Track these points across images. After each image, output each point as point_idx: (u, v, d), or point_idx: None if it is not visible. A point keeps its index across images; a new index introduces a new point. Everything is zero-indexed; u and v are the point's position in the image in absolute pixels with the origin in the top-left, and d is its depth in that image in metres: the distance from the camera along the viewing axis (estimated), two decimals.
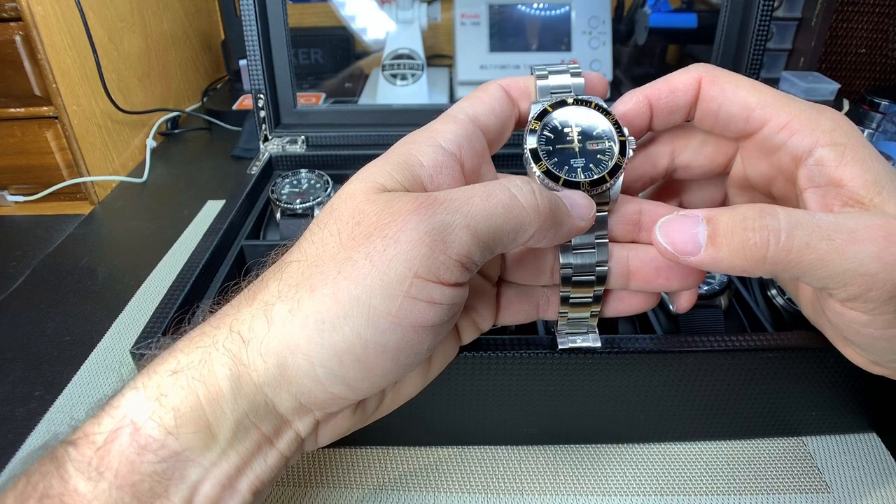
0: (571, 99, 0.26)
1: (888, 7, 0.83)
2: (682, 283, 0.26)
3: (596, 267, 0.27)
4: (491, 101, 0.26)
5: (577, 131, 0.26)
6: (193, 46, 0.99)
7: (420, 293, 0.21)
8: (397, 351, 0.21)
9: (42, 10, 0.61)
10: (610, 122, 0.26)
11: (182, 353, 0.21)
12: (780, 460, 0.37)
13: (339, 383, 0.21)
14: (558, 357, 0.32)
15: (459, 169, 0.25)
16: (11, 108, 0.66)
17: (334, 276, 0.21)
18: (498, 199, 0.22)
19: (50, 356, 0.47)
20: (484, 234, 0.21)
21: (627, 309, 0.29)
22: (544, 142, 0.26)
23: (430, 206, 0.21)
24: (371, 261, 0.20)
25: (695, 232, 0.23)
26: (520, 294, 0.29)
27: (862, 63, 0.88)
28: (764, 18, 0.54)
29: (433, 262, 0.21)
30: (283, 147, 0.58)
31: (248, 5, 0.53)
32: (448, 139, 0.25)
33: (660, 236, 0.24)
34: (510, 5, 0.81)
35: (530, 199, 0.22)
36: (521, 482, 0.36)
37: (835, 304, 0.24)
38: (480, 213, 0.21)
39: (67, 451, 0.19)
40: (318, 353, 0.20)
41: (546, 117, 0.26)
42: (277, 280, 0.22)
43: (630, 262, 0.27)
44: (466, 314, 0.28)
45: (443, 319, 0.22)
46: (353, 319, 0.20)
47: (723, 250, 0.23)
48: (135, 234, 0.65)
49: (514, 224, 0.22)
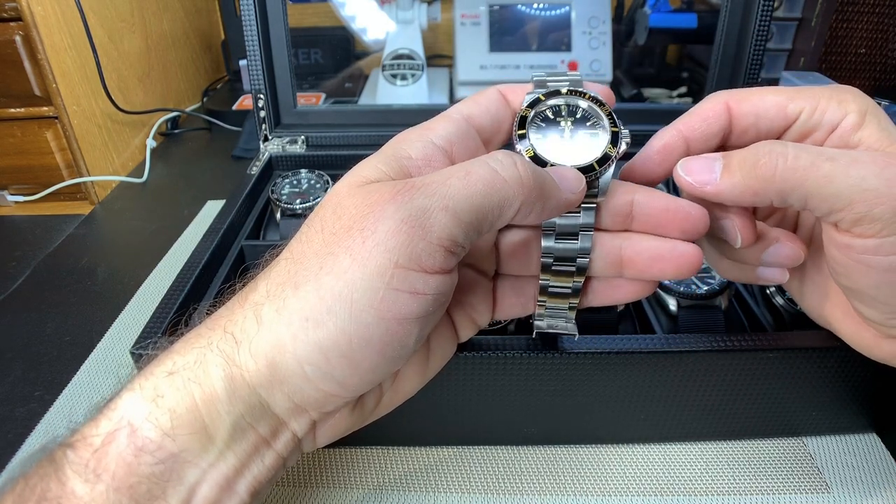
0: (566, 89, 0.26)
1: (888, 7, 0.82)
2: (677, 271, 0.26)
3: (577, 257, 0.26)
4: (487, 103, 0.27)
5: (570, 121, 0.26)
6: (193, 46, 0.99)
7: (402, 284, 0.20)
8: (383, 345, 0.21)
9: (42, 10, 0.61)
10: (604, 114, 0.26)
11: (178, 354, 0.21)
12: (780, 460, 0.37)
13: (329, 380, 0.21)
14: (558, 357, 0.32)
15: (449, 163, 0.24)
16: (11, 108, 0.66)
17: (316, 272, 0.20)
18: (478, 176, 0.21)
19: (50, 356, 0.47)
20: (466, 214, 0.21)
21: (622, 297, 0.28)
22: (535, 129, 0.26)
23: (406, 192, 0.21)
24: (351, 254, 0.20)
25: (712, 166, 0.25)
26: (515, 287, 0.29)
27: (862, 63, 0.88)
28: (764, 18, 0.54)
29: (413, 250, 0.20)
30: (283, 147, 0.58)
31: (248, 5, 0.53)
32: (440, 135, 0.25)
33: (681, 171, 0.26)
34: (510, 5, 0.81)
35: (512, 171, 0.22)
36: (521, 482, 0.36)
37: (842, 237, 0.24)
38: (460, 193, 0.21)
39: (65, 453, 0.19)
40: (304, 351, 0.20)
41: (538, 105, 0.26)
42: (266, 280, 0.22)
43: (623, 251, 0.26)
44: (463, 310, 0.28)
45: (428, 310, 0.21)
46: (335, 315, 0.20)
47: (736, 175, 0.24)
48: (135, 234, 0.65)
49: (497, 199, 0.21)
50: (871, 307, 0.26)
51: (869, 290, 0.25)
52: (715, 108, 0.27)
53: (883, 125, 0.25)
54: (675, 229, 0.26)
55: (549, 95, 0.26)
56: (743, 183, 0.24)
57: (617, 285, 0.28)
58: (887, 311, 0.26)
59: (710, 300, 0.40)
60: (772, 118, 0.27)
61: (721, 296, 0.40)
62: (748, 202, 0.25)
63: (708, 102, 0.27)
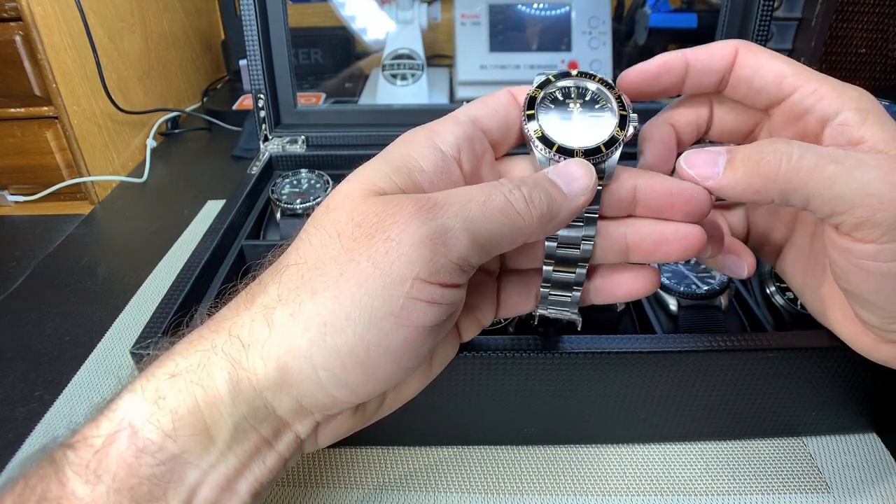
0: (575, 71, 0.26)
1: (888, 7, 0.82)
2: (681, 252, 0.26)
3: (581, 241, 0.26)
4: (495, 104, 0.27)
5: (579, 102, 0.26)
6: (193, 46, 0.99)
7: (421, 294, 0.21)
8: (400, 353, 0.21)
9: (42, 10, 0.61)
10: (613, 97, 0.26)
11: (180, 356, 0.21)
12: (780, 460, 0.37)
13: (342, 386, 0.21)
14: (558, 357, 0.32)
15: (458, 172, 0.25)
16: (11, 108, 0.66)
17: (336, 279, 0.20)
18: (495, 205, 0.22)
19: (50, 356, 0.47)
20: (482, 238, 0.22)
21: (624, 294, 0.28)
22: (544, 109, 0.26)
23: (430, 210, 0.21)
24: (373, 262, 0.20)
25: (715, 160, 0.25)
26: (519, 284, 0.29)
27: (862, 63, 0.88)
28: (764, 18, 0.54)
29: (434, 265, 0.21)
30: (283, 147, 0.58)
31: (248, 5, 0.53)
32: (447, 140, 0.25)
33: (683, 164, 0.26)
34: (510, 5, 0.81)
35: (523, 205, 0.22)
36: (521, 482, 0.36)
37: (842, 240, 0.24)
38: (479, 218, 0.22)
39: (66, 454, 0.19)
40: (321, 356, 0.20)
41: (548, 86, 0.26)
42: (277, 283, 0.22)
43: (629, 237, 0.27)
44: (468, 311, 0.28)
45: (442, 319, 0.22)
46: (355, 321, 0.20)
47: (738, 171, 0.24)
48: (135, 234, 0.65)
49: (510, 229, 0.22)
50: (870, 311, 0.26)
51: (868, 295, 0.25)
52: (725, 49, 0.27)
53: (888, 127, 0.25)
54: (679, 212, 0.26)
55: (558, 77, 0.26)
56: (745, 180, 0.24)
57: (619, 282, 0.28)
58: (885, 317, 0.26)
59: (710, 300, 0.40)
60: (767, 82, 0.27)
61: (721, 296, 0.40)
62: (749, 199, 0.25)
63: (721, 42, 0.27)
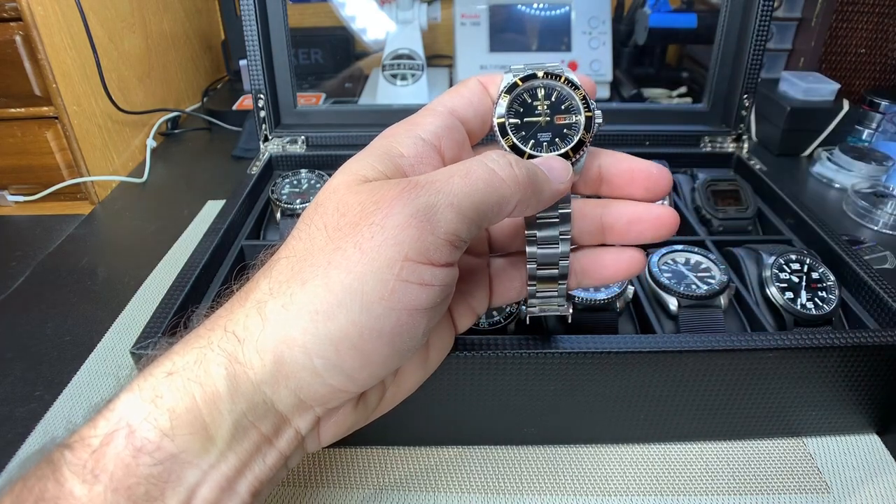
0: (542, 72, 0.26)
1: (888, 7, 0.82)
2: (655, 232, 0.27)
3: (559, 238, 0.27)
4: (469, 95, 0.27)
5: (546, 105, 0.26)
6: (193, 46, 0.99)
7: (411, 276, 0.21)
8: (393, 335, 0.21)
9: (42, 10, 0.61)
10: (578, 98, 0.26)
11: (177, 354, 0.21)
12: (780, 460, 0.37)
13: (338, 373, 0.21)
14: (558, 357, 0.32)
15: (440, 158, 0.25)
16: (11, 108, 0.66)
17: (324, 267, 0.21)
18: (477, 175, 0.22)
19: (50, 356, 0.47)
20: (469, 211, 0.22)
21: (612, 275, 0.29)
22: (513, 114, 0.26)
23: (412, 189, 0.21)
24: (360, 248, 0.21)
25: None
26: (508, 269, 0.30)
27: (862, 63, 0.88)
28: (764, 18, 0.54)
29: (422, 244, 0.21)
30: (283, 147, 0.58)
31: (248, 5, 0.53)
32: (428, 130, 0.25)
33: None
34: (510, 5, 0.81)
35: (508, 170, 0.23)
36: (521, 482, 0.36)
37: None
38: (462, 191, 0.22)
39: (63, 454, 0.19)
40: (315, 344, 0.20)
41: (516, 90, 0.26)
42: (268, 278, 0.22)
43: (604, 218, 0.28)
44: (462, 298, 0.28)
45: (436, 301, 0.22)
46: (346, 307, 0.20)
47: None
48: (135, 234, 0.65)
49: (496, 197, 0.23)
50: None
51: None
52: None
53: None
54: (640, 188, 0.27)
55: (525, 79, 0.26)
56: None
57: (602, 263, 0.29)
58: None
59: (710, 300, 0.40)
60: None
61: (721, 296, 0.40)
62: None
63: None
